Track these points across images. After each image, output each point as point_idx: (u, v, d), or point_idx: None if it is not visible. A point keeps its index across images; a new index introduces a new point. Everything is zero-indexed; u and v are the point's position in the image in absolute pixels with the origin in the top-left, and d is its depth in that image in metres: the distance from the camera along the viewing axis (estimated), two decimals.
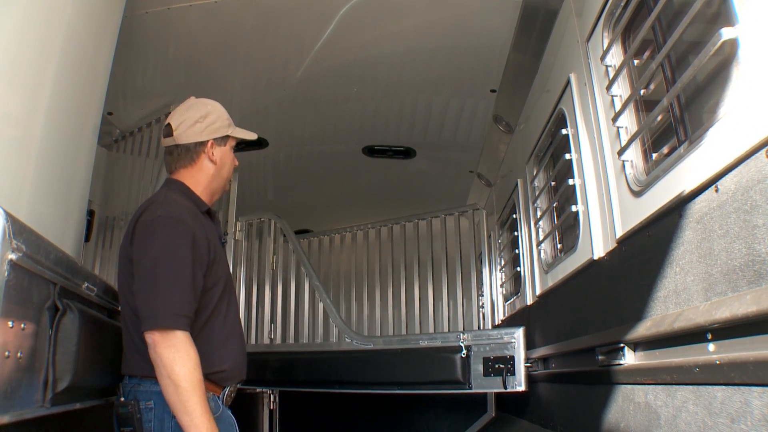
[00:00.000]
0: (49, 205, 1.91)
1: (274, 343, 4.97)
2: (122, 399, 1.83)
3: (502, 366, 3.51)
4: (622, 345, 1.95)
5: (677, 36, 1.60)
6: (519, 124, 3.92)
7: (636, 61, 2.06)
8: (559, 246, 3.15)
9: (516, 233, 4.01)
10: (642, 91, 1.94)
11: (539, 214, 3.36)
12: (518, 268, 3.93)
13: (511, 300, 4.36)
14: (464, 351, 3.63)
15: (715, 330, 1.39)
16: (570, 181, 2.62)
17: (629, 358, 1.94)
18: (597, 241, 2.35)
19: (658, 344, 1.76)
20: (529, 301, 3.59)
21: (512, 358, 3.50)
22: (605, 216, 2.27)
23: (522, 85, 3.55)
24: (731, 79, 1.44)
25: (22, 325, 1.35)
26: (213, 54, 3.71)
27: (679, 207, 1.62)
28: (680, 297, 1.61)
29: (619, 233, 2.09)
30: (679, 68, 1.79)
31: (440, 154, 5.30)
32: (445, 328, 5.19)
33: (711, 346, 1.41)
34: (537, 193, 3.39)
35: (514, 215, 4.05)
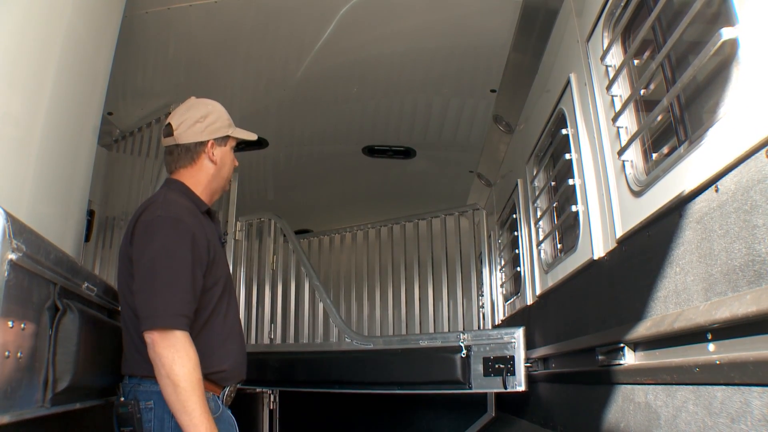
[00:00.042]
0: (49, 205, 1.91)
1: (274, 343, 4.97)
2: (122, 399, 1.83)
3: (502, 366, 3.51)
4: (622, 345, 1.95)
5: (677, 36, 1.60)
6: (519, 124, 3.92)
7: (636, 61, 2.06)
8: (559, 246, 3.15)
9: (516, 233, 4.01)
10: (642, 91, 1.94)
11: (539, 214, 3.36)
12: (518, 268, 3.93)
13: (511, 300, 4.36)
14: (464, 351, 3.63)
15: (715, 330, 1.39)
16: (570, 181, 2.62)
17: (629, 358, 1.94)
18: (597, 241, 2.35)
19: (658, 344, 1.76)
20: (529, 301, 3.59)
21: (512, 358, 3.51)
22: (605, 216, 2.27)
23: (522, 85, 3.55)
24: (731, 79, 1.44)
25: (22, 325, 1.35)
26: (213, 54, 3.71)
27: (679, 207, 1.62)
28: (680, 297, 1.61)
29: (619, 233, 2.09)
30: (679, 68, 1.79)
31: (440, 154, 5.30)
32: (445, 328, 5.19)
33: (711, 346, 1.41)
34: (537, 193, 3.39)
35: (514, 215, 4.05)
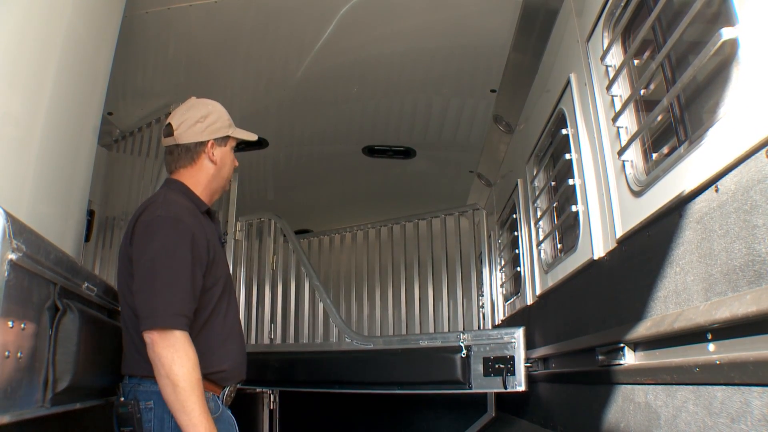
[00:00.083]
0: (49, 205, 1.91)
1: (274, 343, 4.97)
2: (122, 399, 1.83)
3: (502, 366, 3.51)
4: (622, 345, 1.95)
5: (677, 36, 1.60)
6: (519, 124, 3.92)
7: (636, 61, 2.06)
8: (559, 246, 3.15)
9: (516, 233, 4.01)
10: (642, 91, 1.94)
11: (539, 214, 3.36)
12: (518, 268, 3.93)
13: (511, 300, 4.36)
14: (464, 351, 3.63)
15: (715, 330, 1.39)
16: (570, 181, 2.62)
17: (629, 358, 1.94)
18: (597, 241, 2.35)
19: (658, 344, 1.76)
20: (529, 301, 3.59)
21: (512, 358, 3.50)
22: (605, 216, 2.27)
23: (522, 85, 3.55)
24: (731, 79, 1.44)
25: (22, 325, 1.35)
26: (213, 54, 3.71)
27: (679, 207, 1.62)
28: (680, 297, 1.61)
29: (619, 233, 2.09)
30: (679, 68, 1.78)
31: (440, 154, 5.30)
32: (445, 328, 5.19)
33: (711, 346, 1.41)
34: (537, 193, 3.39)
35: (514, 215, 4.05)
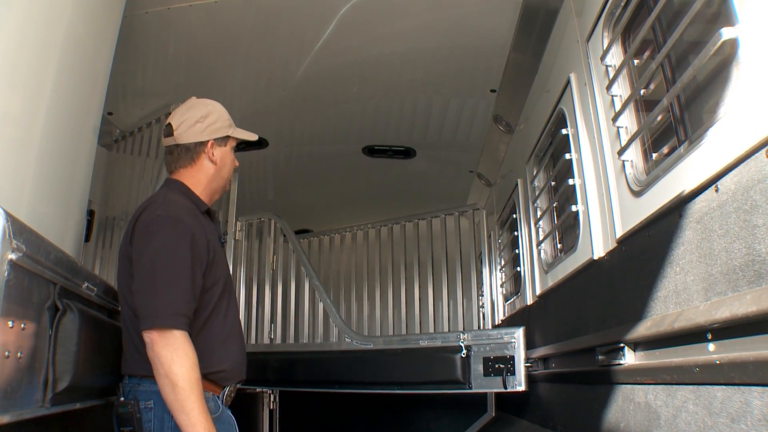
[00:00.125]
0: (49, 205, 1.91)
1: (274, 343, 4.97)
2: (122, 399, 1.83)
3: (502, 366, 3.51)
4: (622, 345, 1.95)
5: (677, 36, 1.60)
6: (519, 124, 3.92)
7: (636, 61, 2.06)
8: (559, 246, 3.15)
9: (516, 233, 4.01)
10: (642, 91, 1.94)
11: (539, 214, 3.36)
12: (518, 268, 3.93)
13: (511, 300, 4.36)
14: (464, 351, 3.63)
15: (715, 330, 1.39)
16: (570, 181, 2.62)
17: (629, 358, 1.94)
18: (597, 241, 2.35)
19: (658, 344, 1.76)
20: (529, 301, 3.59)
21: (512, 358, 3.50)
22: (605, 216, 2.27)
23: (522, 85, 3.55)
24: (731, 79, 1.44)
25: (22, 325, 1.35)
26: (213, 54, 3.71)
27: (679, 207, 1.61)
28: (680, 297, 1.61)
29: (619, 233, 2.09)
30: (679, 68, 1.78)
31: (440, 154, 5.29)
32: (445, 328, 5.19)
33: (711, 346, 1.41)
34: (537, 193, 3.39)
35: (514, 215, 4.05)
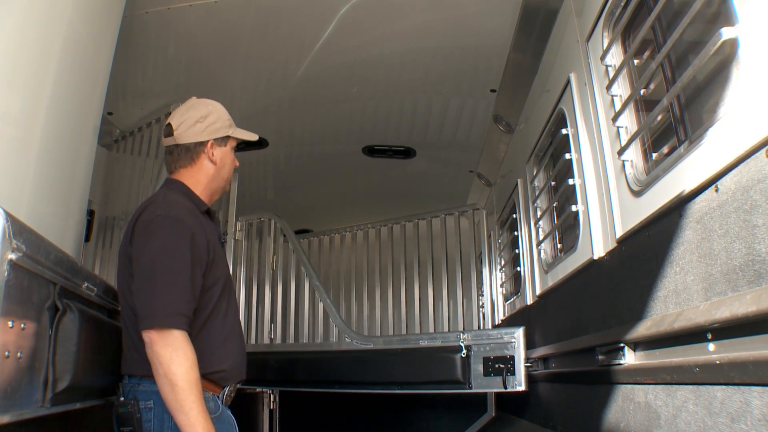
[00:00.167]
0: (49, 205, 1.91)
1: (274, 343, 4.97)
2: (122, 399, 1.83)
3: (502, 366, 3.51)
4: (622, 345, 1.95)
5: (677, 36, 1.60)
6: (519, 124, 3.92)
7: (636, 60, 2.06)
8: (559, 246, 3.15)
9: (516, 233, 4.01)
10: (642, 91, 1.94)
11: (539, 213, 3.36)
12: (518, 268, 3.93)
13: (511, 300, 4.36)
14: (464, 351, 3.63)
15: (715, 330, 1.39)
16: (570, 181, 2.62)
17: (629, 358, 1.94)
18: (597, 241, 2.35)
19: (658, 344, 1.76)
20: (529, 300, 3.59)
21: (512, 358, 3.50)
22: (605, 216, 2.27)
23: (522, 85, 3.55)
24: (731, 79, 1.44)
25: (22, 325, 1.35)
26: (213, 54, 3.71)
27: (679, 207, 1.61)
28: (680, 297, 1.61)
29: (619, 233, 2.09)
30: (679, 68, 1.78)
31: (440, 154, 5.29)
32: (445, 328, 5.19)
33: (711, 346, 1.41)
34: (537, 192, 3.39)
35: (514, 215, 4.05)
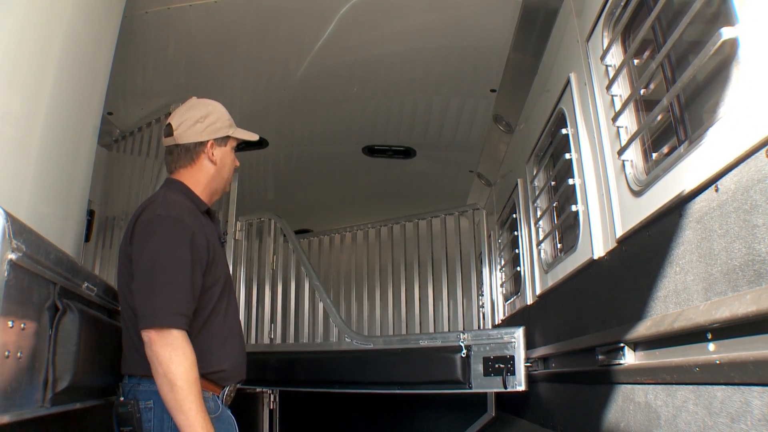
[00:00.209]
0: (49, 205, 1.91)
1: (274, 343, 4.97)
2: (122, 399, 1.83)
3: (502, 366, 3.51)
4: (622, 345, 1.95)
5: (677, 36, 1.60)
6: (519, 123, 3.92)
7: (636, 60, 2.06)
8: (559, 246, 3.15)
9: (516, 233, 4.01)
10: (642, 91, 1.94)
11: (539, 213, 3.36)
12: (518, 268, 3.93)
13: (511, 300, 4.36)
14: (464, 351, 3.63)
15: (715, 330, 1.39)
16: (570, 181, 2.62)
17: (629, 358, 1.94)
18: (597, 241, 2.35)
19: (658, 344, 1.76)
20: (529, 300, 3.59)
21: (512, 358, 3.50)
22: (605, 216, 2.27)
23: (522, 85, 3.55)
24: (731, 79, 1.44)
25: (22, 325, 1.35)
26: (213, 54, 3.71)
27: (679, 207, 1.62)
28: (680, 297, 1.61)
29: (619, 233, 2.09)
30: (679, 68, 1.78)
31: (440, 154, 5.30)
32: (445, 328, 5.19)
33: (711, 346, 1.41)
34: (537, 192, 3.39)
35: (514, 215, 4.05)
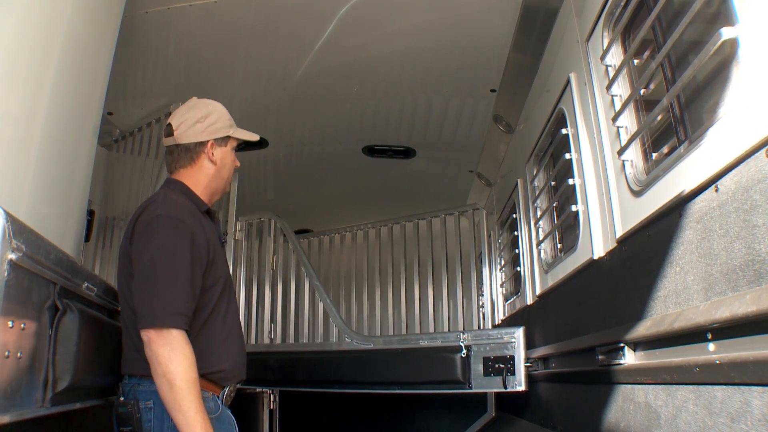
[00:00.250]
0: (49, 205, 1.91)
1: (274, 343, 4.97)
2: (122, 399, 1.83)
3: (502, 366, 3.51)
4: (622, 345, 1.95)
5: (677, 36, 1.60)
6: (519, 123, 3.92)
7: (636, 60, 2.06)
8: (559, 246, 3.15)
9: (516, 233, 4.01)
10: (642, 91, 1.94)
11: (539, 213, 3.36)
12: (518, 268, 3.93)
13: (511, 300, 4.36)
14: (464, 351, 3.63)
15: (715, 330, 1.39)
16: (570, 181, 2.62)
17: (629, 358, 1.94)
18: (597, 241, 2.35)
19: (658, 344, 1.76)
20: (529, 300, 3.59)
21: (512, 358, 3.50)
22: (605, 216, 2.27)
23: (522, 85, 3.55)
24: (731, 79, 1.44)
25: (22, 325, 1.35)
26: (213, 54, 3.71)
27: (679, 207, 1.62)
28: (680, 297, 1.61)
29: (619, 233, 2.09)
30: (679, 68, 1.78)
31: (440, 154, 5.30)
32: (445, 328, 5.19)
33: (711, 346, 1.41)
34: (537, 192, 3.39)
35: (514, 215, 4.05)
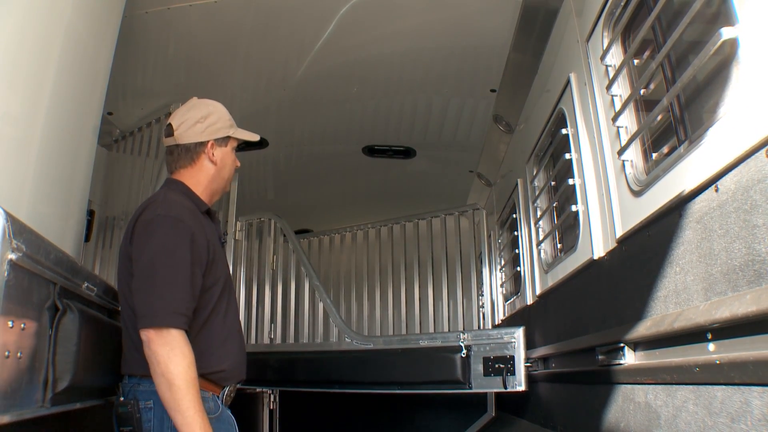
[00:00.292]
0: (49, 205, 1.91)
1: (274, 343, 4.97)
2: (122, 399, 1.83)
3: (502, 366, 3.51)
4: (622, 345, 1.95)
5: (677, 36, 1.60)
6: (519, 123, 3.92)
7: (636, 60, 2.06)
8: (559, 246, 3.15)
9: (516, 233, 4.01)
10: (642, 91, 1.94)
11: (539, 213, 3.36)
12: (518, 268, 3.93)
13: (511, 300, 4.36)
14: (464, 351, 3.63)
15: (715, 330, 1.39)
16: (570, 181, 2.62)
17: (629, 358, 1.94)
18: (597, 241, 2.35)
19: (658, 344, 1.76)
20: (529, 300, 3.59)
21: (512, 358, 3.50)
22: (605, 216, 2.27)
23: (522, 85, 3.55)
24: (731, 79, 1.44)
25: (22, 325, 1.35)
26: (213, 54, 3.71)
27: (679, 207, 1.62)
28: (680, 297, 1.61)
29: (619, 233, 2.09)
30: (679, 68, 1.79)
31: (440, 154, 5.30)
32: (445, 328, 5.19)
33: (711, 346, 1.41)
34: (537, 192, 3.39)
35: (514, 215, 4.05)
